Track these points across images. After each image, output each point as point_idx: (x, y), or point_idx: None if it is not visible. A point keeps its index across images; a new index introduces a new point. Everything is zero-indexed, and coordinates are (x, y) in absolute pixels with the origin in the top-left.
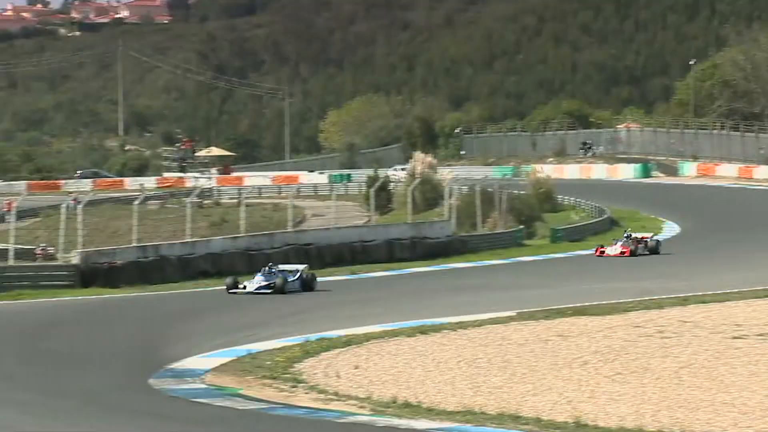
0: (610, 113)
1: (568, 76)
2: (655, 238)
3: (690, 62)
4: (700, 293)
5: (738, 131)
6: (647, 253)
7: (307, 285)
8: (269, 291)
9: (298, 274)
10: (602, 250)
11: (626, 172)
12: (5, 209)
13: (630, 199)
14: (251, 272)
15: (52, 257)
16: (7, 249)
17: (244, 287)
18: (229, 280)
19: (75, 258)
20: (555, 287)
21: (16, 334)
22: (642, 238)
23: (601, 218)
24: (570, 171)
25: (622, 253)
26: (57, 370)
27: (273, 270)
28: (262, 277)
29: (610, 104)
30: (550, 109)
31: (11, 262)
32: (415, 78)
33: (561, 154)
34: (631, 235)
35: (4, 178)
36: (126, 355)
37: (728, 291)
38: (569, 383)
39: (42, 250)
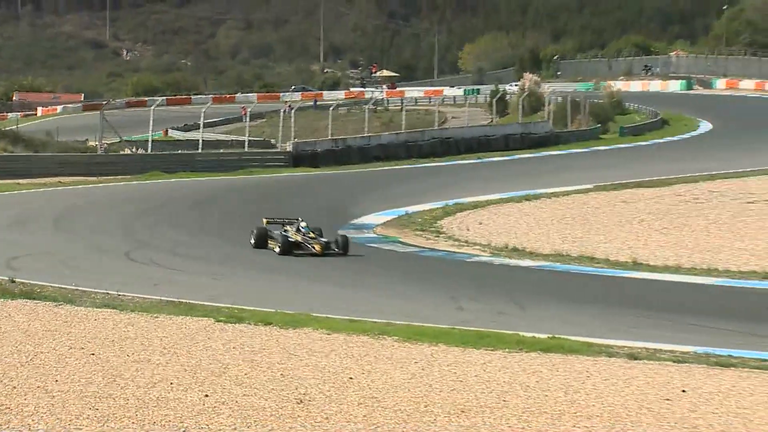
0: (665, 44)
1: (636, 17)
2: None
3: (724, 7)
4: (721, 171)
5: (756, 56)
6: None
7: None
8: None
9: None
10: None
11: (674, 86)
12: (242, 113)
13: (676, 106)
14: (409, 157)
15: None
16: (243, 140)
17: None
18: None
19: (289, 146)
20: (622, 168)
21: (249, 199)
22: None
23: (655, 119)
24: (634, 86)
25: None
26: None
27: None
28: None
29: (665, 38)
30: (622, 41)
31: (247, 148)
32: (527, 20)
33: (628, 74)
34: None
35: (242, 91)
36: (323, 214)
37: (745, 170)
38: (630, 235)
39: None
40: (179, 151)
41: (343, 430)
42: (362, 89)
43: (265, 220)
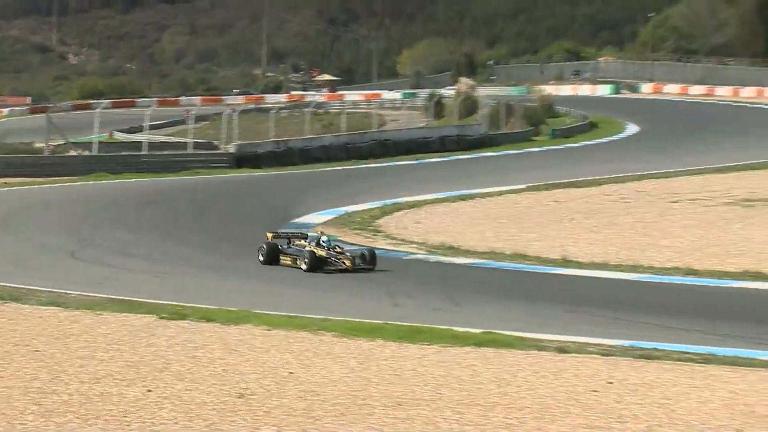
0: (594, 50)
1: (568, 24)
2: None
3: (649, 15)
4: (647, 172)
5: (680, 62)
6: None
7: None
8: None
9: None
10: None
11: (603, 90)
12: (186, 116)
13: (605, 109)
14: (349, 158)
15: None
16: (186, 142)
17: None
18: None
19: (232, 148)
20: (553, 168)
21: (193, 199)
22: None
23: (584, 122)
24: (564, 90)
25: None
26: (219, 223)
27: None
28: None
29: (594, 44)
30: (553, 47)
31: (189, 150)
32: (464, 26)
33: (559, 79)
34: None
35: (186, 95)
36: (265, 213)
37: (670, 170)
38: (561, 233)
39: None
40: (124, 153)
41: (283, 423)
42: (303, 93)
43: (270, 235)
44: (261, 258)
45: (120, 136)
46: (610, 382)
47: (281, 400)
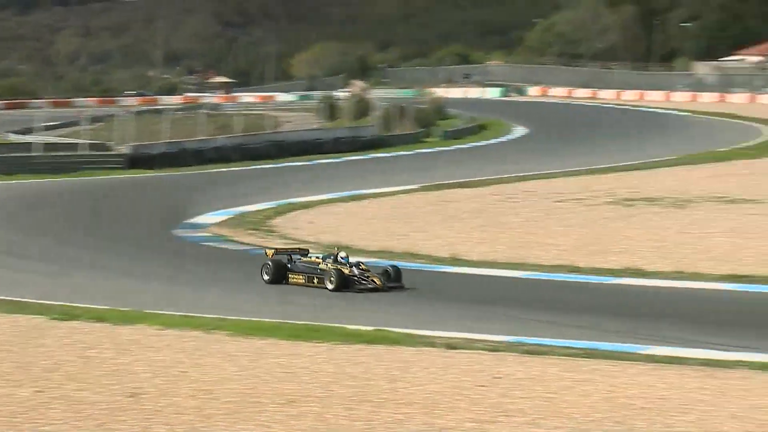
0: (483, 54)
1: (458, 28)
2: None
3: (535, 20)
4: (534, 173)
5: (565, 66)
6: None
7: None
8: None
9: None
10: None
11: (492, 93)
12: (80, 117)
13: (494, 112)
14: (243, 159)
15: None
16: (77, 143)
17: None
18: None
19: (126, 149)
20: (443, 169)
21: (85, 200)
22: None
23: (473, 124)
24: (455, 93)
25: None
26: (111, 224)
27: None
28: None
29: (483, 48)
30: (444, 51)
31: (83, 151)
32: (358, 30)
33: (449, 82)
34: None
35: (80, 96)
36: (158, 214)
37: (555, 171)
38: (450, 232)
39: None
40: (15, 154)
41: (174, 422)
42: (198, 95)
43: (270, 252)
44: (266, 277)
45: (11, 137)
46: (497, 377)
47: (173, 399)
